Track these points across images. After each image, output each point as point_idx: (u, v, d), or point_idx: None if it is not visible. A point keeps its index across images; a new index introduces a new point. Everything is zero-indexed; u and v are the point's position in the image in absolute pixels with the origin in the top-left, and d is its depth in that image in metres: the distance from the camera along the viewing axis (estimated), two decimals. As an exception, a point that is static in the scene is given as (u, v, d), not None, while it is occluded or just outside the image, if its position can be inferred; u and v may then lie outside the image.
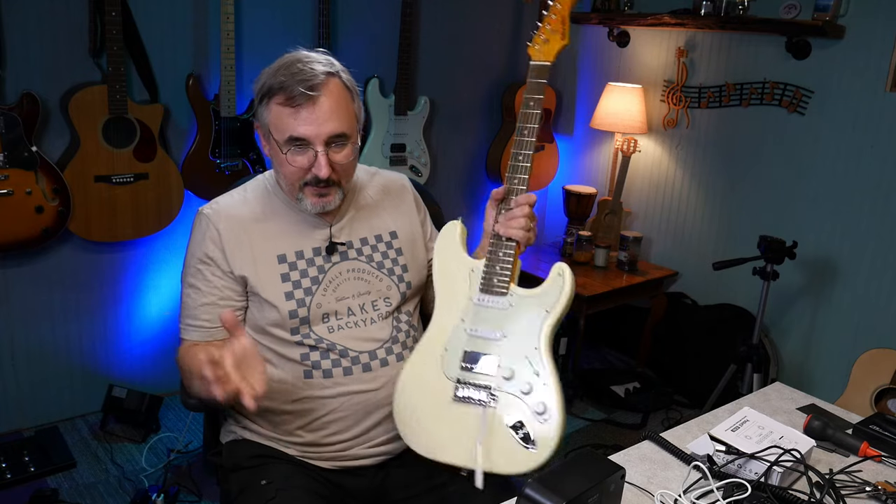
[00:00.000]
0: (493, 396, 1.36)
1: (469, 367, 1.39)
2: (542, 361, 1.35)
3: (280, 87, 1.36)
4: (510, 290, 1.40)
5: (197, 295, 1.45)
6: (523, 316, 1.38)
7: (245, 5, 2.81)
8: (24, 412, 2.71)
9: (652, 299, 3.45)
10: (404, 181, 1.67)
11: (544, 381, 1.34)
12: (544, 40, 1.46)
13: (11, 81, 2.41)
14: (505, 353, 1.38)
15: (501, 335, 1.39)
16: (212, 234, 1.45)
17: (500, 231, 1.41)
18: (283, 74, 1.37)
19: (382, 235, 1.57)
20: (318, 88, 1.36)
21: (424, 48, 3.36)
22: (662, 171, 3.55)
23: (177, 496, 2.37)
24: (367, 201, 1.58)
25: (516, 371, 1.36)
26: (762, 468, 1.23)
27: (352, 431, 1.47)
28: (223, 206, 1.49)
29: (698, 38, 3.32)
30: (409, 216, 1.62)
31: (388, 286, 1.53)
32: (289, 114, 1.37)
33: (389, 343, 1.50)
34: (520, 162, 1.45)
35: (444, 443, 1.40)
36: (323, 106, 1.37)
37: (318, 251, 1.48)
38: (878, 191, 2.82)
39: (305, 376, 1.45)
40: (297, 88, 1.35)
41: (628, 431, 3.03)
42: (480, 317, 1.41)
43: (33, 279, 2.62)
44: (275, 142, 1.40)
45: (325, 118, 1.37)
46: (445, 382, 1.41)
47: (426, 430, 1.42)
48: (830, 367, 3.02)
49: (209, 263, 1.45)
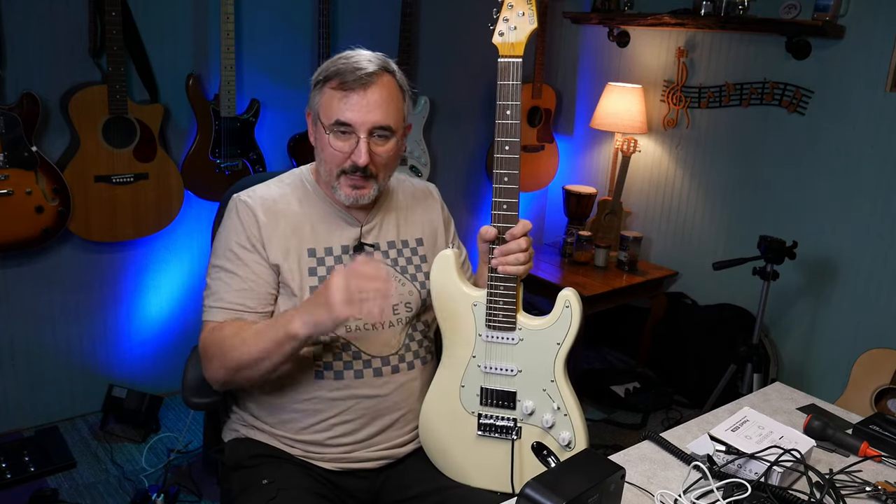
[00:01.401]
0: (517, 430, 1.40)
1: (489, 403, 1.42)
2: (559, 393, 1.37)
3: (336, 73, 1.41)
4: (518, 324, 1.38)
5: (232, 280, 1.44)
6: (534, 350, 1.38)
7: (245, 5, 2.81)
8: (24, 412, 2.71)
9: (652, 299, 3.45)
10: (431, 188, 1.69)
11: (565, 413, 1.37)
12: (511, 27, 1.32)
13: (11, 81, 2.41)
14: (522, 388, 1.39)
15: (516, 370, 1.39)
16: (250, 221, 1.45)
17: (496, 267, 1.37)
18: (342, 62, 1.42)
19: (409, 241, 1.58)
20: (372, 77, 1.40)
21: (424, 48, 3.36)
22: (662, 171, 3.55)
23: (177, 496, 2.37)
24: (398, 206, 1.60)
25: (537, 407, 1.39)
26: (762, 468, 1.23)
27: (357, 435, 1.48)
28: (260, 195, 1.50)
29: (698, 38, 3.32)
30: (435, 224, 1.63)
31: (409, 291, 1.53)
32: (339, 98, 1.40)
33: (403, 350, 1.51)
34: (505, 184, 1.36)
35: (474, 472, 1.45)
36: (373, 95, 1.41)
37: (346, 249, 1.49)
38: (878, 191, 2.82)
39: (316, 377, 1.45)
40: (352, 75, 1.39)
41: (628, 431, 3.03)
42: (491, 353, 1.40)
43: (33, 279, 2.62)
44: (321, 125, 1.43)
45: (374, 107, 1.41)
46: (467, 417, 1.44)
47: (455, 461, 1.47)
48: (830, 367, 3.01)
49: (249, 249, 1.44)
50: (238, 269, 1.45)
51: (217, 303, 1.45)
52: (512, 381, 1.40)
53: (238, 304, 1.44)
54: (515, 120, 1.35)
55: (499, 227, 1.37)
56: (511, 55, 1.33)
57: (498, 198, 1.36)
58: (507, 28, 1.32)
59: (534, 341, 1.37)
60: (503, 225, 1.37)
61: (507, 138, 1.36)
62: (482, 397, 1.42)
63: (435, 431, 1.47)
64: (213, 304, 1.45)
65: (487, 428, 1.43)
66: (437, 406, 1.46)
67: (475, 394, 1.42)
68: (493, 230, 1.38)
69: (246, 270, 1.44)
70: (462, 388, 1.43)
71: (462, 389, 1.43)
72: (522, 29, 1.31)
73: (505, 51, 1.33)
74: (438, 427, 1.47)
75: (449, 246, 1.64)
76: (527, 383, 1.39)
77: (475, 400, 1.43)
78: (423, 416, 1.48)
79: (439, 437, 1.47)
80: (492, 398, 1.41)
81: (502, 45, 1.33)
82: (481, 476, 1.46)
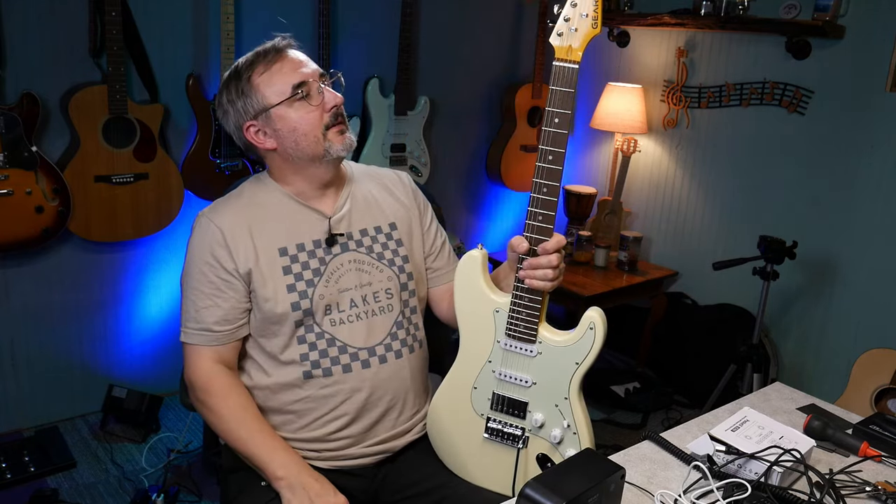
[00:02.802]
0: (524, 440, 1.40)
1: (499, 409, 1.41)
2: (571, 411, 1.36)
3: (250, 65, 1.44)
4: (538, 337, 1.35)
5: (200, 298, 1.45)
6: (552, 365, 1.36)
7: (245, 5, 2.81)
8: (24, 412, 2.71)
9: (652, 299, 3.45)
10: (400, 175, 1.67)
11: (574, 431, 1.36)
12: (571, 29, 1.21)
13: (11, 81, 2.41)
14: (534, 400, 1.38)
15: (531, 382, 1.38)
16: (215, 235, 1.44)
17: (523, 279, 1.34)
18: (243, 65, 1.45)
19: (382, 227, 1.56)
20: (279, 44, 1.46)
21: (424, 48, 3.36)
22: (662, 171, 3.55)
23: (177, 496, 2.37)
24: (365, 195, 1.58)
25: (547, 421, 1.38)
26: (762, 468, 1.23)
27: (352, 429, 1.48)
28: (222, 206, 1.50)
29: (698, 38, 3.32)
30: (407, 209, 1.61)
31: (388, 277, 1.52)
32: (276, 70, 1.43)
33: (389, 339, 1.50)
34: (544, 195, 1.29)
35: (476, 471, 1.46)
36: (294, 54, 1.47)
37: (318, 243, 1.48)
38: (878, 191, 2.82)
39: (305, 377, 1.45)
40: (268, 53, 1.45)
41: (628, 431, 3.03)
42: (507, 361, 1.39)
43: (33, 279, 2.62)
44: (278, 108, 1.43)
45: (305, 60, 1.47)
46: (476, 418, 1.44)
47: (460, 457, 1.47)
48: (830, 367, 3.02)
49: (214, 265, 1.44)
50: (204, 287, 1.44)
51: (189, 322, 1.46)
52: (525, 392, 1.38)
53: (208, 323, 1.44)
54: (564, 130, 1.26)
55: (531, 237, 1.32)
56: (567, 59, 1.23)
57: (534, 208, 1.30)
58: (568, 29, 1.22)
59: (552, 357, 1.35)
60: (536, 237, 1.32)
61: (552, 147, 1.27)
62: (493, 402, 1.42)
63: (442, 423, 1.48)
64: (187, 325, 1.47)
65: (495, 432, 1.42)
66: (447, 400, 1.46)
67: (486, 397, 1.42)
68: (525, 244, 1.33)
69: (211, 287, 1.44)
70: (474, 389, 1.43)
71: (474, 391, 1.43)
72: (583, 32, 1.21)
73: (562, 54, 1.23)
74: (446, 420, 1.47)
75: (424, 229, 1.62)
76: (540, 396, 1.37)
77: (486, 403, 1.42)
78: (432, 407, 1.48)
79: (446, 430, 1.48)
80: (503, 405, 1.41)
81: (560, 48, 1.23)
82: (483, 475, 1.46)
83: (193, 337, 1.46)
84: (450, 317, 1.64)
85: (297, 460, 1.39)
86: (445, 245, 1.67)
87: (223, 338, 1.45)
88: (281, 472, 1.36)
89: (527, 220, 1.32)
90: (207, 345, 1.45)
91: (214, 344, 1.45)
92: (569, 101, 1.24)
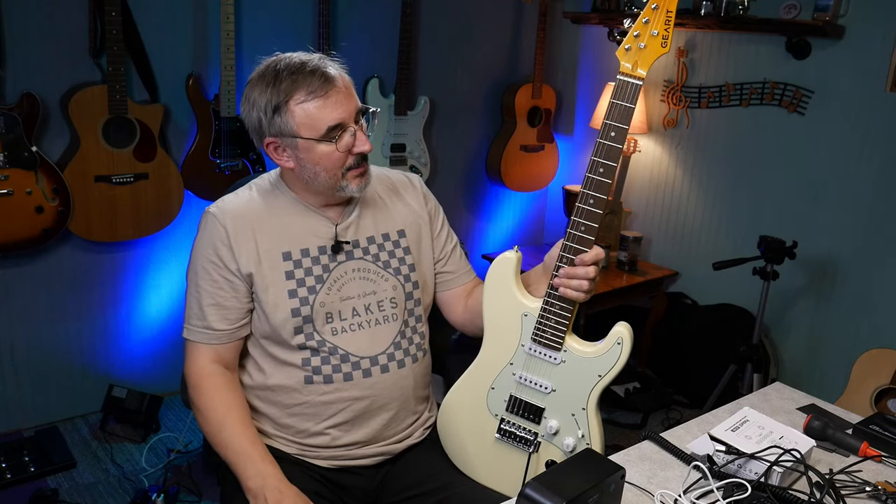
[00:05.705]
0: (535, 445, 1.40)
1: (514, 412, 1.41)
2: (587, 423, 1.36)
3: (295, 88, 1.35)
4: (564, 346, 1.35)
5: (203, 295, 1.44)
6: (575, 375, 1.36)
7: (245, 5, 2.81)
8: (24, 412, 2.71)
9: (652, 299, 3.45)
10: (412, 178, 1.64)
11: (588, 442, 1.37)
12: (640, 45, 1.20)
13: (11, 81, 2.41)
14: (551, 406, 1.38)
15: (551, 389, 1.38)
16: (219, 234, 1.43)
17: (557, 286, 1.33)
18: (287, 76, 1.35)
19: (390, 234, 1.54)
20: (328, 70, 1.37)
21: (424, 48, 3.36)
22: (662, 171, 3.55)
23: (177, 496, 2.37)
24: (374, 199, 1.55)
25: (561, 429, 1.38)
26: (762, 468, 1.23)
27: (353, 436, 1.47)
28: (229, 205, 1.47)
29: (698, 38, 3.32)
30: (419, 215, 1.58)
31: (393, 286, 1.50)
32: (318, 106, 1.35)
33: (392, 349, 1.49)
34: (590, 206, 1.28)
35: (484, 471, 1.46)
36: (340, 85, 1.38)
37: (323, 250, 1.47)
38: (878, 191, 2.82)
39: (306, 381, 1.45)
40: (314, 80, 1.35)
41: (628, 431, 3.03)
42: (530, 365, 1.39)
43: (33, 279, 2.62)
44: (306, 141, 1.37)
45: (348, 95, 1.39)
46: (490, 418, 1.43)
47: (468, 455, 1.47)
48: (830, 367, 3.01)
49: (217, 264, 1.43)
50: (207, 284, 1.44)
51: (192, 319, 1.46)
52: (543, 398, 1.38)
53: (210, 320, 1.44)
54: (619, 144, 1.25)
55: (570, 246, 1.32)
56: (632, 74, 1.22)
57: (577, 217, 1.29)
58: (636, 45, 1.22)
59: (576, 366, 1.35)
60: (575, 246, 1.31)
61: (605, 160, 1.27)
62: (509, 404, 1.41)
63: (454, 420, 1.47)
64: (190, 322, 1.47)
65: (507, 434, 1.42)
66: (463, 398, 1.46)
67: (503, 399, 1.41)
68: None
69: (214, 285, 1.44)
70: (491, 389, 1.42)
71: (491, 391, 1.42)
72: (652, 50, 1.21)
73: (627, 69, 1.23)
74: (459, 417, 1.47)
75: (434, 234, 1.60)
76: (558, 404, 1.37)
77: (502, 405, 1.42)
78: (446, 402, 1.48)
79: (457, 427, 1.47)
80: (519, 408, 1.41)
81: (625, 63, 1.23)
82: (489, 475, 1.46)
83: (194, 334, 1.46)
84: (463, 321, 1.63)
85: (270, 472, 1.36)
86: (457, 248, 1.65)
87: (224, 337, 1.45)
88: (250, 482, 1.35)
89: (568, 229, 1.31)
90: (207, 343, 1.45)
91: (214, 343, 1.45)
92: (628, 116, 1.24)
